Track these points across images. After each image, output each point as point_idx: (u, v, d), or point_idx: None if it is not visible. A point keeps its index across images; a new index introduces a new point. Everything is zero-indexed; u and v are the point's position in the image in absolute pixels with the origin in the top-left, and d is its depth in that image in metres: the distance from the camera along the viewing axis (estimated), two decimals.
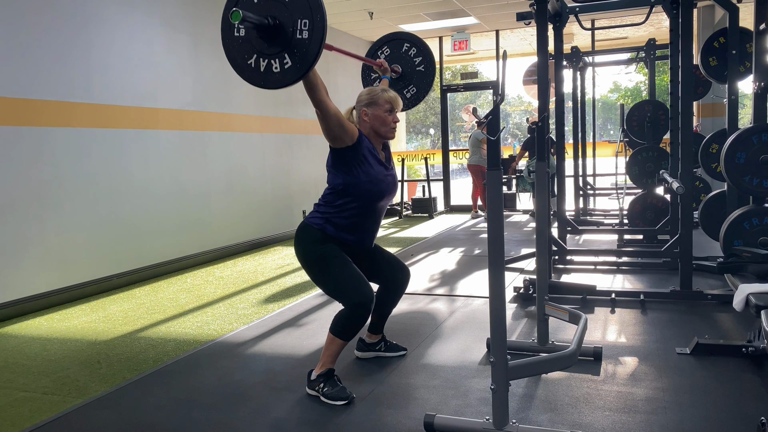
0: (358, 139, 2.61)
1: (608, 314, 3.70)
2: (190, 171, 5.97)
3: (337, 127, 2.50)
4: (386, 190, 2.70)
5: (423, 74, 3.37)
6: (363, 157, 2.62)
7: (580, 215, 7.51)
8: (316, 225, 2.66)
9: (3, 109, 4.20)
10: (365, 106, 2.71)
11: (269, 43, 2.26)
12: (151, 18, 5.50)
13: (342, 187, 2.63)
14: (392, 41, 3.44)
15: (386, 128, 2.71)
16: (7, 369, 3.17)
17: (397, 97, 2.75)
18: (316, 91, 2.35)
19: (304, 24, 2.18)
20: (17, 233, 4.29)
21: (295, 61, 2.22)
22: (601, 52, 8.50)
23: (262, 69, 2.28)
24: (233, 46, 2.35)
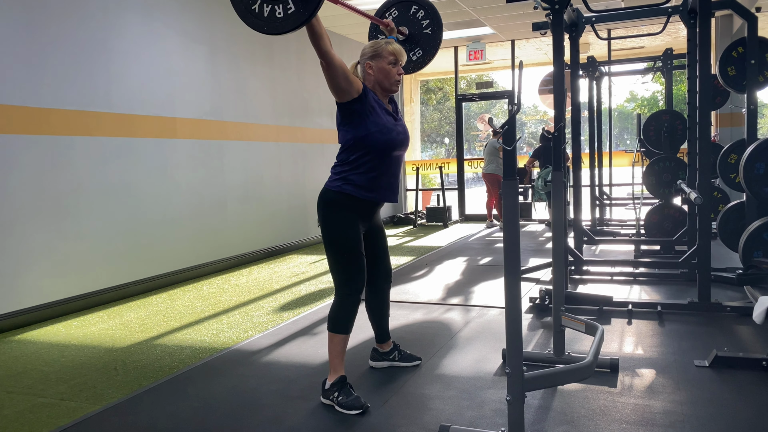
0: (363, 90, 2.59)
1: (625, 325, 3.67)
2: (207, 179, 6.02)
3: (342, 77, 2.48)
4: (397, 138, 2.67)
5: (430, 37, 3.31)
6: (371, 107, 2.60)
7: (597, 225, 7.46)
8: (334, 188, 2.64)
9: (24, 118, 4.27)
10: (369, 59, 2.69)
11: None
12: (170, 29, 5.57)
13: (353, 142, 2.61)
14: (400, 3, 3.38)
15: (391, 80, 2.70)
16: (26, 375, 3.20)
17: (402, 50, 2.72)
18: (320, 40, 2.34)
19: None
20: (37, 240, 4.34)
21: (298, 6, 2.21)
22: (617, 61, 8.47)
23: (266, 14, 2.28)
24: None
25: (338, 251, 2.64)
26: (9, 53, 4.17)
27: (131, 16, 5.15)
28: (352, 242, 2.64)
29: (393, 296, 4.51)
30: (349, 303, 2.64)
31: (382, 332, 3.03)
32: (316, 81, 7.87)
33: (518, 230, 2.06)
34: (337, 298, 2.66)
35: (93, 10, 4.79)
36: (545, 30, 4.97)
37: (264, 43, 6.88)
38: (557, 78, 4.12)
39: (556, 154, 2.99)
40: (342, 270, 2.65)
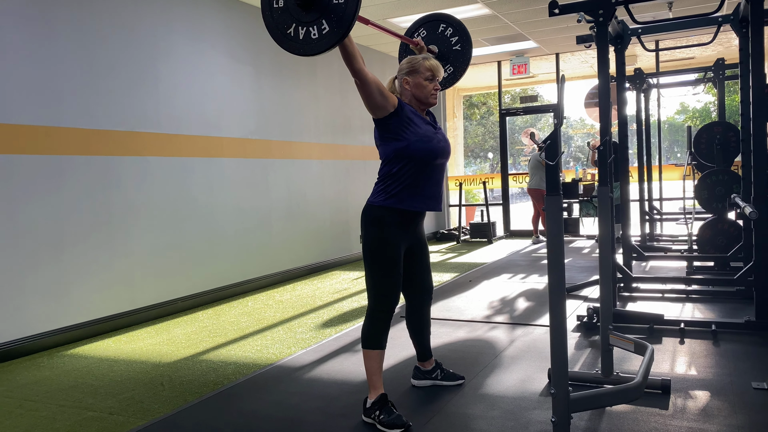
0: (399, 104, 2.60)
1: (677, 345, 3.53)
2: (252, 197, 6.11)
3: (377, 93, 2.50)
4: (438, 146, 2.67)
5: (459, 53, 3.34)
6: (408, 119, 2.61)
7: (647, 241, 7.25)
8: (377, 203, 2.64)
9: (78, 139, 4.42)
10: (406, 74, 2.72)
11: (306, 11, 2.29)
12: (216, 50, 5.71)
13: (394, 154, 2.61)
14: (428, 23, 3.43)
15: (427, 95, 2.71)
16: (76, 388, 3.29)
17: (438, 65, 2.74)
18: (353, 59, 2.38)
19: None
20: (88, 258, 4.48)
21: (332, 25, 2.25)
22: (666, 73, 8.26)
23: (301, 37, 2.32)
24: (273, 17, 2.39)
25: (375, 268, 2.64)
26: (65, 78, 4.34)
27: (179, 39, 5.30)
28: (390, 261, 2.63)
29: (435, 313, 4.49)
30: (379, 320, 2.64)
31: (423, 350, 3.00)
32: (358, 98, 7.89)
33: (562, 246, 2.02)
34: (369, 315, 2.66)
35: (142, 34, 4.96)
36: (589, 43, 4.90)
37: (308, 62, 6.99)
38: (602, 91, 4.05)
39: (602, 168, 2.93)
40: (377, 286, 2.64)
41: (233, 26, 5.91)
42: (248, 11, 6.11)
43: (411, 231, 2.73)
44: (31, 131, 4.13)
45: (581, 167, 10.51)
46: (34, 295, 4.11)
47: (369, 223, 2.66)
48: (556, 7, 4.06)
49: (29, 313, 4.07)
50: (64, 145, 4.33)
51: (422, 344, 2.99)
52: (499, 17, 7.17)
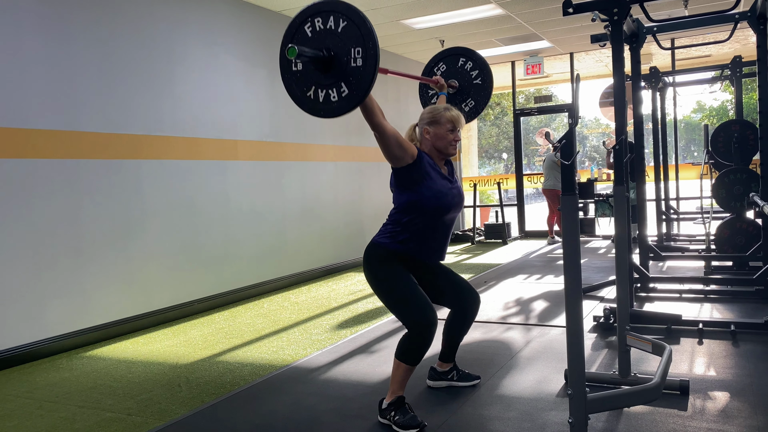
0: (418, 156, 2.62)
1: (695, 345, 3.50)
2: (267, 199, 6.14)
3: (396, 146, 2.52)
4: (452, 203, 2.68)
5: (480, 87, 3.36)
6: (425, 172, 2.62)
7: (663, 241, 7.18)
8: (383, 243, 2.67)
9: (95, 143, 4.47)
10: (427, 124, 2.73)
11: (326, 74, 2.31)
12: (231, 54, 5.75)
13: (407, 205, 2.63)
14: (447, 57, 3.46)
15: (447, 146, 2.72)
16: (95, 390, 3.32)
17: (460, 116, 2.76)
18: (373, 114, 2.40)
19: (358, 52, 2.22)
20: (106, 260, 4.52)
21: (351, 88, 2.26)
22: (682, 71, 8.18)
23: (321, 99, 2.33)
24: (292, 80, 2.40)
25: (393, 285, 2.61)
26: (82, 83, 4.40)
27: (194, 43, 5.35)
28: (402, 273, 2.62)
29: None
30: (419, 339, 2.54)
31: (451, 352, 2.99)
32: None
33: (578, 246, 2.01)
34: (408, 333, 2.58)
35: (158, 39, 5.00)
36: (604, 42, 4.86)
37: None
38: (618, 91, 4.02)
39: (618, 168, 2.91)
40: (404, 310, 2.58)
41: (247, 29, 5.95)
42: (262, 14, 6.15)
43: (415, 268, 2.73)
44: (50, 136, 4.18)
45: (596, 167, 10.44)
46: (53, 297, 4.16)
47: (375, 261, 2.66)
48: (570, 6, 4.04)
49: (48, 316, 4.13)
50: (81, 149, 4.38)
51: (453, 347, 2.97)
52: (512, 17, 7.15)
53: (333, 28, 2.28)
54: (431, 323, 2.52)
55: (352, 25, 2.24)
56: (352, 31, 2.25)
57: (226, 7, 5.71)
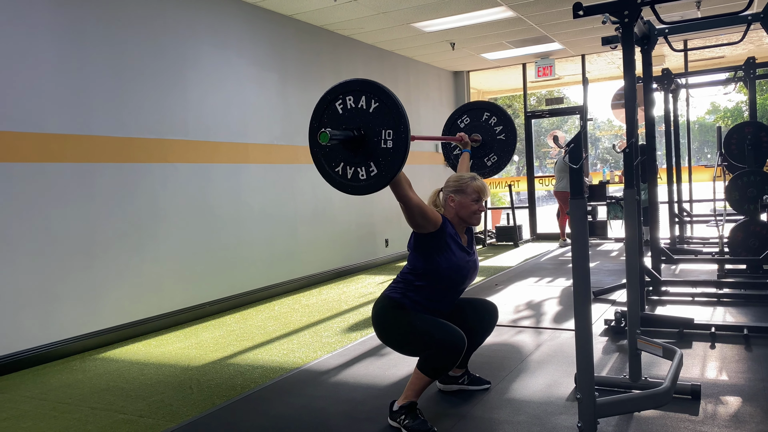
0: (441, 226, 2.64)
1: (707, 349, 3.48)
2: (278, 202, 6.17)
3: (420, 216, 2.55)
4: (467, 276, 2.73)
5: (504, 143, 3.40)
6: (445, 243, 2.65)
7: (676, 243, 7.13)
8: (395, 297, 2.69)
9: (108, 147, 4.52)
10: (452, 192, 2.76)
11: (355, 153, 2.30)
12: (242, 58, 5.79)
13: (422, 271, 2.67)
14: (472, 110, 3.49)
15: (470, 215, 2.74)
16: (108, 392, 3.35)
17: (486, 187, 2.78)
18: (401, 188, 2.42)
19: (389, 134, 2.22)
20: (118, 263, 4.57)
21: (380, 169, 2.26)
22: (695, 73, 8.13)
23: (349, 176, 2.33)
24: (320, 154, 2.39)
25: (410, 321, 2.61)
26: (95, 87, 4.45)
27: (206, 47, 5.39)
28: (423, 318, 2.62)
29: None
30: (452, 355, 2.51)
31: (465, 358, 2.99)
32: None
33: (587, 249, 2.01)
34: (436, 349, 2.54)
35: (170, 44, 5.05)
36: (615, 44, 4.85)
37: (333, 68, 7.03)
38: (628, 93, 4.00)
39: (628, 170, 2.90)
40: (431, 337, 2.54)
41: (259, 34, 5.98)
42: (273, 19, 6.18)
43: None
44: (63, 140, 4.23)
45: (608, 169, 10.39)
46: (67, 300, 4.21)
47: (386, 309, 2.68)
48: (580, 9, 4.03)
49: (62, 318, 4.17)
50: (94, 153, 4.43)
51: (468, 354, 2.98)
52: (523, 19, 7.14)
53: (364, 108, 2.28)
54: (460, 340, 2.52)
55: (383, 106, 2.24)
56: (383, 113, 2.24)
57: (237, 11, 5.75)
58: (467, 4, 6.43)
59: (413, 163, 8.08)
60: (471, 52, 8.85)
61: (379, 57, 8.05)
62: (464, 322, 2.84)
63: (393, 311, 2.68)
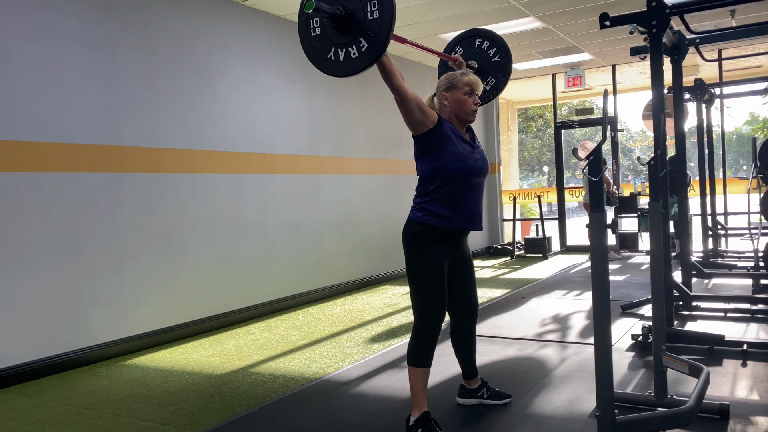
0: (438, 121, 2.61)
1: (739, 367, 3.37)
2: (304, 212, 6.21)
3: (417, 110, 2.52)
4: (475, 165, 2.66)
5: (499, 64, 3.32)
6: (446, 137, 2.61)
7: (710, 257, 6.96)
8: (417, 219, 2.65)
9: (137, 158, 4.61)
10: (445, 90, 2.72)
11: (343, 33, 2.34)
12: (270, 69, 5.86)
13: (431, 172, 2.62)
14: (464, 40, 3.44)
15: (467, 110, 2.70)
16: (131, 399, 3.40)
17: (477, 80, 2.74)
18: (392, 76, 2.41)
19: (374, 5, 2.26)
20: (146, 271, 4.64)
21: (370, 41, 2.29)
22: (730, 83, 7.96)
23: (341, 59, 2.37)
24: (312, 45, 2.45)
25: (420, 285, 2.64)
26: (126, 99, 4.54)
27: (234, 59, 5.47)
28: (434, 277, 2.62)
29: (485, 331, 4.45)
30: (426, 337, 2.62)
31: (468, 368, 2.96)
32: None
33: (606, 263, 1.97)
34: (415, 332, 2.64)
35: (200, 55, 5.14)
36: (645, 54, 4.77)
37: (359, 78, 7.06)
38: (657, 105, 3.92)
39: (653, 183, 2.84)
40: (422, 304, 2.64)
41: (287, 45, 6.05)
42: None
43: (452, 248, 2.71)
44: (94, 150, 4.32)
45: (640, 180, 10.21)
46: (95, 307, 4.29)
47: (408, 240, 2.67)
48: (607, 20, 3.98)
49: (90, 325, 4.25)
50: (124, 163, 4.52)
51: (468, 362, 2.95)
52: (552, 30, 7.08)
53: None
54: (434, 326, 2.61)
55: None
56: None
57: (266, 24, 5.83)
58: (495, 15, 6.41)
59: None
60: None
61: (407, 68, 8.07)
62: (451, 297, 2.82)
63: (414, 246, 2.65)
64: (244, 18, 5.60)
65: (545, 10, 6.30)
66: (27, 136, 3.94)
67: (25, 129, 3.93)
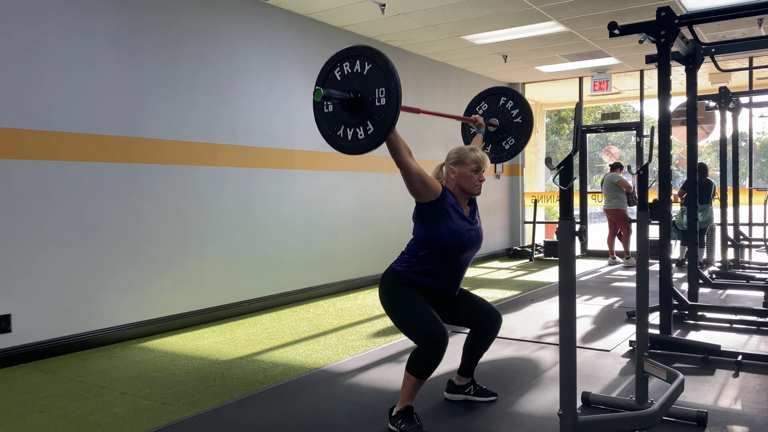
0: (441, 194, 2.74)
1: (729, 377, 3.40)
2: (321, 208, 6.36)
3: (420, 183, 2.65)
4: (468, 243, 2.79)
5: (520, 126, 3.46)
6: (445, 211, 2.74)
7: (729, 267, 6.89)
8: (399, 270, 2.80)
9: (159, 150, 4.81)
10: (452, 164, 2.86)
11: (353, 114, 2.47)
12: (293, 68, 6.02)
13: (425, 239, 2.76)
14: (489, 96, 3.59)
15: (471, 185, 2.83)
16: (138, 379, 3.59)
17: (485, 157, 2.86)
18: (399, 152, 2.55)
19: (381, 92, 2.38)
20: (164, 259, 4.84)
21: (376, 126, 2.41)
22: (759, 92, 7.83)
23: (350, 138, 2.50)
24: (324, 120, 2.59)
25: (402, 303, 2.72)
26: (149, 93, 4.74)
27: (256, 56, 5.64)
28: (413, 296, 2.72)
29: None
30: (430, 351, 2.59)
31: (470, 367, 3.06)
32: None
33: (573, 268, 2.04)
34: (417, 348, 2.65)
35: (223, 52, 5.32)
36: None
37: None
38: (663, 117, 3.95)
39: (642, 193, 2.90)
40: (412, 321, 2.66)
41: (309, 44, 6.20)
42: (324, 30, 6.39)
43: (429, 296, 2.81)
44: (117, 141, 4.53)
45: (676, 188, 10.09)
46: (114, 291, 4.50)
47: (390, 284, 2.79)
48: (616, 28, 4.03)
49: (108, 308, 4.46)
50: (145, 155, 4.72)
51: (471, 362, 3.05)
52: (575, 34, 7.09)
53: (360, 71, 2.45)
54: (439, 340, 2.58)
55: (376, 67, 2.41)
56: (376, 73, 2.40)
57: (289, 22, 5.99)
58: (516, 19, 6.45)
59: None
60: (525, 65, 8.82)
61: (430, 68, 8.15)
62: (468, 319, 2.93)
63: (392, 288, 2.78)
64: (267, 16, 5.76)
65: (567, 14, 6.32)
66: (53, 126, 4.16)
67: (51, 119, 4.15)
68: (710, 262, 7.99)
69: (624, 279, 7.32)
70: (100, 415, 3.01)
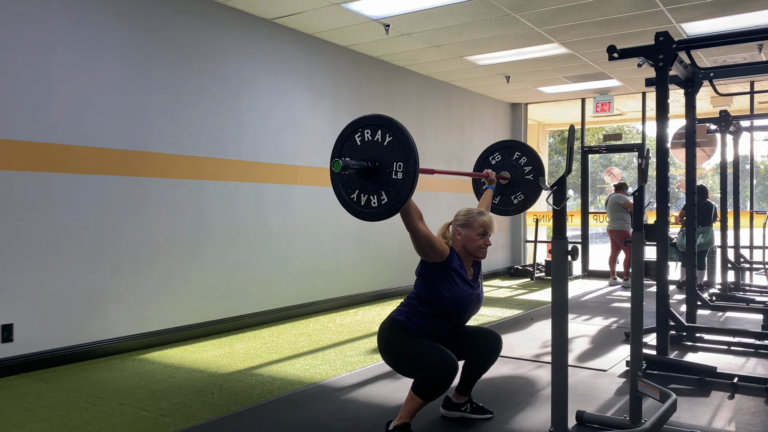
0: (447, 257, 2.79)
1: (724, 399, 3.41)
2: (323, 223, 6.41)
3: (427, 247, 2.71)
4: (467, 307, 2.85)
5: (531, 183, 3.50)
6: (449, 275, 2.79)
7: (729, 290, 6.90)
8: (400, 320, 2.84)
9: (163, 164, 4.88)
10: (460, 226, 2.92)
11: (369, 182, 2.50)
12: (298, 86, 6.10)
13: (426, 298, 2.81)
14: (504, 148, 3.62)
15: (476, 249, 2.88)
16: (138, 390, 3.62)
17: (492, 222, 2.91)
18: (410, 218, 2.60)
19: (399, 166, 2.42)
20: (166, 272, 4.89)
21: (390, 198, 2.45)
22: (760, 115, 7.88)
23: (363, 203, 2.53)
24: (339, 182, 2.61)
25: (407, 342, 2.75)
26: (155, 108, 4.82)
27: (262, 73, 5.73)
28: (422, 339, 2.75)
29: None
30: (438, 377, 2.60)
31: (468, 386, 3.08)
32: (434, 131, 8.14)
33: (566, 287, 2.08)
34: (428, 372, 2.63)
35: (228, 69, 5.41)
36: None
37: (384, 96, 7.27)
38: (660, 137, 4.01)
39: (638, 214, 2.94)
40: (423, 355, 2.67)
41: (314, 62, 6.29)
42: (329, 49, 6.49)
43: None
44: (122, 155, 4.61)
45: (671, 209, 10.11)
46: (115, 303, 4.54)
47: (393, 329, 2.82)
48: (615, 51, 4.10)
49: (109, 319, 4.50)
50: (149, 169, 4.79)
51: (470, 382, 3.07)
52: (577, 56, 7.17)
53: (380, 141, 2.49)
54: (451, 365, 2.61)
55: (396, 141, 2.45)
56: (396, 147, 2.45)
57: (295, 41, 6.08)
58: (519, 40, 6.54)
59: (434, 190, 8.20)
60: (527, 86, 8.91)
61: (434, 87, 8.24)
62: (468, 350, 2.96)
63: (395, 333, 2.82)
64: (274, 34, 5.86)
65: (570, 37, 6.40)
66: (60, 138, 4.24)
67: (58, 132, 4.23)
68: (711, 284, 8.00)
69: (624, 299, 7.34)
70: (99, 425, 3.04)
